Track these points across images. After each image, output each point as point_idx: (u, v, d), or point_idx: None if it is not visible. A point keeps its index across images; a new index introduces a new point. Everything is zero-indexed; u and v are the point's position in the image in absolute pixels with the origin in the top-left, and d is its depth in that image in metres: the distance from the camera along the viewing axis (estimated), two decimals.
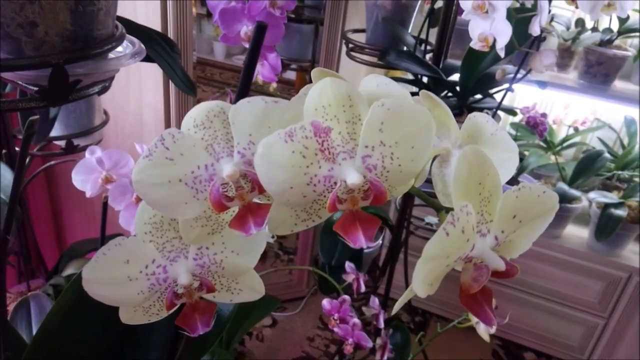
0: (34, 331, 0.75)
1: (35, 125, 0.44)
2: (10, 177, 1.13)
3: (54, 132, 1.03)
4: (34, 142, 0.95)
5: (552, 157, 1.69)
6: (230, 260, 0.31)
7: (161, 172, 0.27)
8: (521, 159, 1.69)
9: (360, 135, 0.25)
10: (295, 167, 0.25)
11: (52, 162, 1.17)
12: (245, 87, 0.31)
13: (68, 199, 1.55)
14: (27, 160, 1.14)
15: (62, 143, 1.07)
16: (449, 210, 0.29)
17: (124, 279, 0.29)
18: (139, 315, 0.32)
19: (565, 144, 1.74)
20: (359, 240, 0.24)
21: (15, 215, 1.08)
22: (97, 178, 0.72)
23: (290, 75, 2.02)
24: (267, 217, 0.27)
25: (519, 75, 1.04)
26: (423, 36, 1.23)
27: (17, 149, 1.12)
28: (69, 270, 1.12)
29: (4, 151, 1.10)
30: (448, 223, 0.23)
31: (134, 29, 0.72)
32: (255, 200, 0.29)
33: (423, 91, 0.31)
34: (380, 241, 1.84)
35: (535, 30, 0.83)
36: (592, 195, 1.56)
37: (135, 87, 1.35)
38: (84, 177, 0.74)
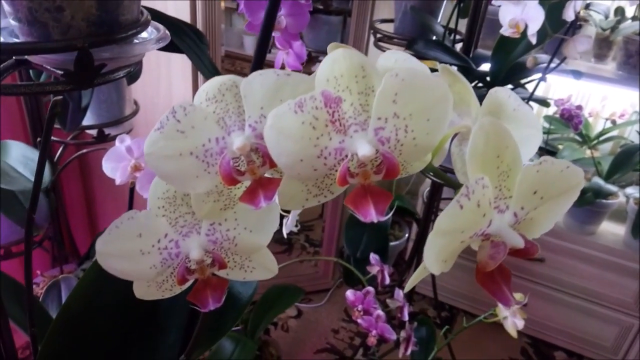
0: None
1: (58, 106, 0.45)
2: (45, 164, 1.16)
3: (86, 122, 1.06)
4: (66, 131, 0.97)
5: (588, 151, 1.63)
6: (243, 237, 0.31)
7: (172, 144, 0.26)
8: (554, 153, 1.64)
9: (373, 107, 0.24)
10: (305, 138, 0.24)
11: (84, 150, 1.20)
12: (259, 61, 0.31)
13: (101, 186, 1.59)
14: (61, 148, 1.17)
15: (94, 132, 1.09)
16: None
17: (136, 253, 0.29)
18: (152, 290, 0.32)
19: (601, 138, 1.67)
20: (370, 214, 0.24)
21: (49, 201, 1.11)
22: (126, 166, 0.74)
23: (317, 67, 2.01)
24: (277, 191, 0.26)
25: (552, 65, 1.00)
26: (452, 25, 1.20)
27: (52, 137, 1.15)
28: None
29: (38, 139, 1.14)
30: (462, 195, 0.22)
31: (164, 20, 0.73)
32: (267, 175, 0.28)
33: (442, 65, 0.30)
34: (406, 234, 1.82)
35: (569, 15, 0.79)
36: (630, 190, 1.49)
37: (165, 78, 1.37)
38: (114, 165, 0.75)
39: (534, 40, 0.79)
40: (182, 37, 0.77)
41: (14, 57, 0.49)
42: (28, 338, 0.70)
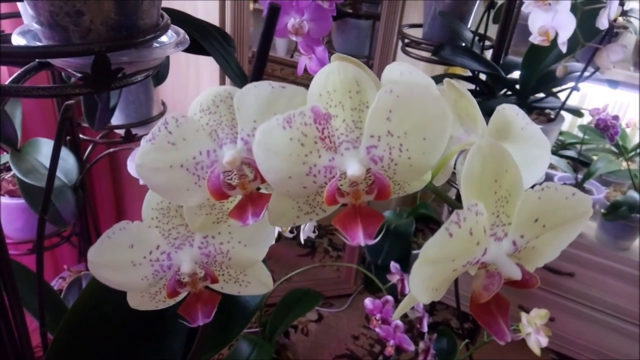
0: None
1: (71, 110, 0.46)
2: (73, 162, 1.20)
3: (114, 121, 1.08)
4: (94, 130, 1.00)
5: (624, 164, 1.56)
6: (237, 251, 0.30)
7: (163, 156, 0.26)
8: (588, 164, 1.57)
9: (366, 124, 0.23)
10: (293, 155, 0.23)
11: (111, 150, 1.23)
12: (258, 72, 0.30)
13: (130, 184, 1.63)
14: (90, 147, 1.20)
15: (122, 132, 1.12)
16: None
17: (127, 264, 0.29)
18: (146, 301, 0.32)
19: (639, 150, 1.60)
20: (358, 237, 0.22)
21: (77, 198, 1.14)
22: None
23: None
24: (265, 208, 0.25)
25: (586, 74, 0.96)
26: (482, 31, 1.17)
27: (81, 136, 1.19)
28: None
29: (67, 138, 1.17)
30: (452, 223, 0.20)
31: (192, 23, 0.74)
32: (263, 190, 0.28)
33: (447, 79, 0.28)
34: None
35: (603, 23, 0.76)
36: None
37: (193, 80, 1.39)
38: None
39: (564, 49, 0.75)
40: (209, 40, 0.78)
41: (36, 60, 0.50)
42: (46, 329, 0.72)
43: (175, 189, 0.26)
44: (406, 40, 1.27)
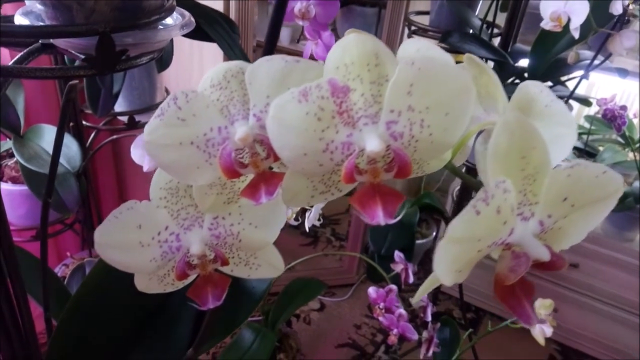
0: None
1: (74, 90, 0.45)
2: (76, 148, 1.19)
3: (118, 108, 1.07)
4: (98, 116, 0.99)
5: (630, 154, 1.54)
6: (248, 233, 0.30)
7: (172, 132, 0.25)
8: (594, 155, 1.56)
9: (385, 98, 0.22)
10: (309, 130, 0.22)
11: (115, 136, 1.22)
12: (270, 46, 0.29)
13: (133, 173, 1.62)
14: (94, 134, 1.19)
15: (125, 119, 1.11)
16: None
17: (135, 245, 0.28)
18: (153, 283, 0.31)
19: None
20: (377, 216, 0.21)
21: (80, 185, 1.13)
22: None
23: None
24: (279, 186, 0.24)
25: (596, 62, 0.94)
26: (490, 19, 1.16)
27: (84, 122, 1.18)
28: None
29: (71, 124, 1.16)
30: (479, 200, 0.19)
31: (196, 8, 0.72)
32: (275, 169, 0.27)
33: (467, 55, 0.27)
34: (434, 233, 1.78)
35: (617, 9, 0.74)
36: None
37: (197, 67, 1.38)
38: (142, 152, 0.75)
39: (576, 35, 0.74)
40: (214, 26, 0.76)
41: (39, 41, 0.49)
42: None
43: (185, 167, 0.25)
44: (413, 28, 1.26)
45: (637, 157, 1.55)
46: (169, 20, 0.54)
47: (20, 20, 0.50)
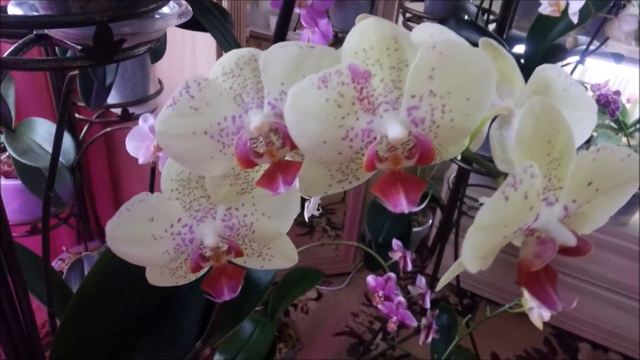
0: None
1: (74, 82, 0.44)
2: (69, 142, 1.17)
3: (111, 100, 1.05)
4: (91, 108, 0.97)
5: (624, 139, 1.55)
6: (261, 224, 0.29)
7: (185, 122, 0.24)
8: (588, 140, 1.57)
9: (407, 83, 0.22)
10: (329, 118, 0.22)
11: (109, 129, 1.20)
12: (281, 33, 0.28)
13: (126, 164, 1.60)
14: (87, 126, 1.18)
15: (118, 111, 1.09)
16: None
17: (148, 238, 0.28)
18: (165, 276, 0.30)
19: (639, 125, 1.59)
20: (401, 204, 0.21)
21: (74, 178, 1.12)
22: (149, 145, 0.73)
23: None
24: (297, 176, 0.24)
25: (592, 47, 0.94)
26: (486, 5, 1.15)
27: (77, 115, 1.16)
28: None
29: None
30: (508, 185, 0.19)
31: None
32: (288, 157, 0.26)
33: (483, 39, 0.27)
34: (430, 220, 1.79)
35: None
36: None
37: (189, 58, 1.36)
38: (137, 144, 0.75)
39: (575, 20, 0.73)
40: (206, 16, 0.75)
41: (34, 32, 0.47)
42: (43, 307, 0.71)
43: (199, 158, 0.25)
44: (408, 15, 1.25)
45: (630, 141, 1.56)
46: (165, 9, 0.53)
47: (13, 10, 0.48)
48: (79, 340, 0.46)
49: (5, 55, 0.45)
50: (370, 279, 1.05)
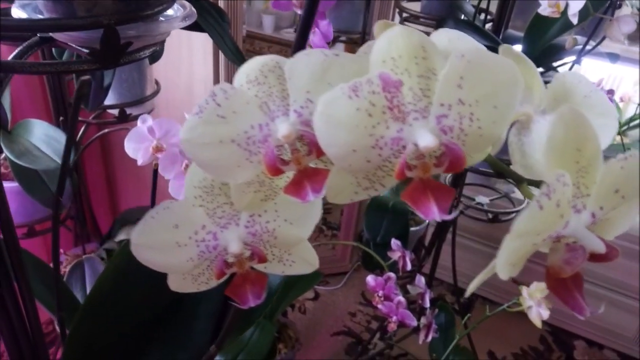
0: (88, 292, 0.77)
1: (86, 86, 0.44)
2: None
3: (107, 101, 1.05)
4: (89, 110, 0.96)
5: (617, 137, 1.57)
6: (283, 230, 0.29)
7: (212, 130, 0.24)
8: None
9: (436, 92, 0.22)
10: (360, 127, 0.22)
11: (106, 130, 1.19)
12: (301, 42, 0.28)
13: (122, 167, 1.59)
14: (83, 128, 1.17)
15: (115, 112, 1.08)
16: (531, 183, 0.25)
17: (172, 245, 0.28)
18: (187, 283, 0.30)
19: (632, 124, 1.61)
20: (432, 212, 0.21)
21: (72, 180, 1.11)
22: (148, 147, 0.72)
23: (338, 48, 1.95)
24: (325, 184, 0.24)
25: (588, 47, 0.95)
26: (483, 5, 1.16)
27: None
28: (122, 236, 1.15)
29: (61, 118, 1.13)
30: (543, 195, 0.19)
31: None
32: (311, 164, 0.26)
33: (504, 45, 0.27)
34: (427, 220, 1.80)
35: None
36: None
37: (186, 58, 1.35)
38: (136, 146, 0.74)
39: (574, 21, 0.74)
40: (204, 16, 0.75)
41: (38, 35, 0.47)
42: (46, 310, 0.70)
43: (226, 166, 0.25)
44: (404, 15, 1.25)
45: (624, 140, 1.58)
46: (169, 12, 0.53)
47: (17, 13, 0.48)
48: (89, 346, 0.46)
49: (10, 58, 0.45)
50: (370, 278, 1.05)
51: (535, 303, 0.98)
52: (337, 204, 0.25)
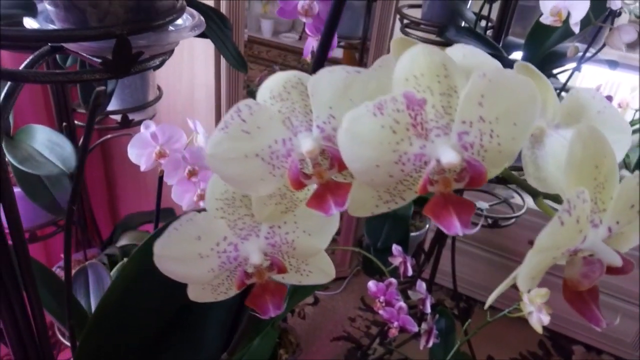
0: (92, 299, 0.77)
1: (102, 96, 0.44)
2: (70, 149, 1.16)
3: (110, 107, 1.05)
4: None
5: None
6: (302, 241, 0.30)
7: (238, 146, 0.25)
8: None
9: (458, 110, 0.23)
10: (384, 143, 0.23)
11: (109, 136, 1.19)
12: (321, 58, 0.29)
13: (122, 172, 1.59)
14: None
15: (117, 117, 1.09)
16: (547, 196, 0.26)
17: (194, 256, 0.28)
18: (207, 293, 0.31)
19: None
20: (454, 226, 0.22)
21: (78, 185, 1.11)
22: (151, 152, 0.73)
23: (337, 53, 1.96)
24: (348, 197, 0.25)
25: (588, 54, 0.97)
26: (484, 12, 1.17)
27: (76, 122, 1.15)
28: (123, 242, 1.15)
29: (64, 124, 1.13)
30: (564, 211, 0.20)
31: (188, 3, 0.72)
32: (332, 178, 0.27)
33: (519, 62, 0.28)
34: (427, 225, 1.81)
35: (615, 4, 0.76)
36: None
37: (187, 64, 1.36)
38: (139, 151, 0.75)
39: (576, 30, 0.75)
40: (207, 22, 0.75)
41: (49, 44, 0.47)
42: (51, 317, 0.70)
43: (250, 180, 0.25)
44: (405, 21, 1.26)
45: None
46: (179, 21, 0.54)
47: (29, 22, 0.48)
48: (98, 358, 0.46)
49: (21, 67, 0.45)
50: (372, 284, 1.05)
51: (536, 309, 0.98)
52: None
